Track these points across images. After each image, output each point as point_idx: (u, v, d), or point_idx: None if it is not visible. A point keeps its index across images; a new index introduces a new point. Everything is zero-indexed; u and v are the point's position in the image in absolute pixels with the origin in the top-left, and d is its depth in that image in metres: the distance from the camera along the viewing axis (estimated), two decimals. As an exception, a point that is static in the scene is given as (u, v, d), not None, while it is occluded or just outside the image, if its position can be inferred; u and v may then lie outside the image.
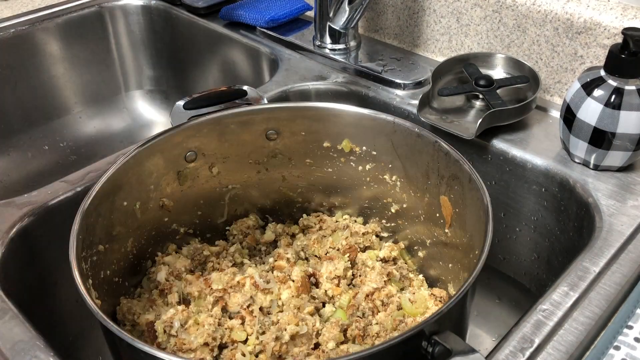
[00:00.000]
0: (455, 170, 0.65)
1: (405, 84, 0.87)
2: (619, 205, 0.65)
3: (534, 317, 0.53)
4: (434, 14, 0.91)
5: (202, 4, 1.11)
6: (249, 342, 0.64)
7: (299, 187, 0.81)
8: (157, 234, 0.74)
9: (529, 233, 0.77)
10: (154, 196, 0.72)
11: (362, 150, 0.75)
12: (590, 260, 0.59)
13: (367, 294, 0.69)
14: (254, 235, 0.80)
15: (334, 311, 0.68)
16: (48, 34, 1.11)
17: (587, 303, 0.55)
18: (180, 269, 0.72)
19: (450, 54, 0.92)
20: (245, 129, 0.74)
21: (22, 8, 1.11)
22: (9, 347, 0.53)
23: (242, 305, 0.66)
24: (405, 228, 0.78)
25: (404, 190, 0.75)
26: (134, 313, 0.66)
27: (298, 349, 0.62)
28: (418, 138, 0.69)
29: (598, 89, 0.66)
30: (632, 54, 0.64)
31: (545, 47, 0.81)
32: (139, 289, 0.72)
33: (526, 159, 0.74)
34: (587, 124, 0.67)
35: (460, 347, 0.47)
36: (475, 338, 0.85)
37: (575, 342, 0.51)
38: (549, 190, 0.73)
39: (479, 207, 0.59)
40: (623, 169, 0.70)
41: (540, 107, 0.81)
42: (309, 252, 0.76)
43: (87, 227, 0.59)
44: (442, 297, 0.69)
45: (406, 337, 0.47)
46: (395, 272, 0.74)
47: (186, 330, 0.63)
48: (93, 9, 1.15)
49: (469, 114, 0.79)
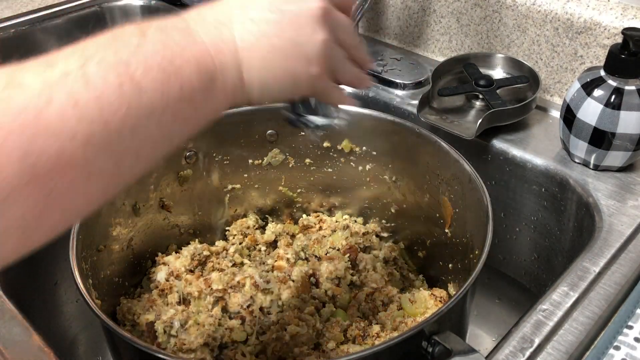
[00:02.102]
0: (455, 170, 0.65)
1: (405, 84, 0.86)
2: (619, 205, 0.65)
3: (534, 317, 0.53)
4: (434, 14, 0.91)
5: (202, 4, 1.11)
6: (249, 342, 0.64)
7: (299, 187, 0.81)
8: (157, 234, 0.74)
9: (529, 233, 0.77)
10: (154, 196, 0.72)
11: (362, 150, 0.75)
12: (590, 260, 0.59)
13: (367, 294, 0.69)
14: (254, 235, 0.80)
15: (334, 311, 0.68)
16: (48, 34, 1.11)
17: (587, 303, 0.54)
18: (180, 269, 0.72)
19: (450, 54, 0.92)
20: (245, 129, 0.74)
21: (22, 8, 1.11)
22: (9, 347, 0.53)
23: (242, 305, 0.66)
24: (405, 228, 0.78)
25: (404, 190, 0.75)
26: (134, 313, 0.66)
27: (298, 349, 0.62)
28: (418, 138, 0.69)
29: (598, 89, 0.66)
30: (632, 54, 0.64)
31: (545, 47, 0.81)
32: (139, 289, 0.72)
33: (526, 159, 0.74)
34: (587, 124, 0.67)
35: (460, 347, 0.47)
36: (475, 338, 0.85)
37: (575, 342, 0.51)
38: (549, 190, 0.73)
39: (479, 207, 0.59)
40: (623, 169, 0.70)
41: (540, 107, 0.81)
42: (309, 252, 0.76)
43: (87, 227, 0.59)
44: (442, 297, 0.69)
45: (406, 337, 0.47)
46: (396, 272, 0.74)
47: (186, 331, 0.63)
48: (93, 9, 1.15)
49: (469, 114, 0.79)
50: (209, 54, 0.38)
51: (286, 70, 0.41)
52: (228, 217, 0.81)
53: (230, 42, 0.39)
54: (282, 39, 0.40)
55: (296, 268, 0.71)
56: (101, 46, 0.34)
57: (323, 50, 0.41)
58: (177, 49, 0.36)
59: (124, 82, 0.33)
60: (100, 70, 0.32)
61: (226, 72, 0.39)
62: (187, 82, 0.36)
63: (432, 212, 0.72)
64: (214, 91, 0.38)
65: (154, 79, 0.34)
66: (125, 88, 0.33)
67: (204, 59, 0.37)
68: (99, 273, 0.62)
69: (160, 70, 0.35)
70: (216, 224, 0.81)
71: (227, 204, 0.80)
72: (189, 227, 0.78)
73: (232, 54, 0.39)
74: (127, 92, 0.33)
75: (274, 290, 0.68)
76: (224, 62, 0.38)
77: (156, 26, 0.37)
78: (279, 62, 0.41)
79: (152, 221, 0.73)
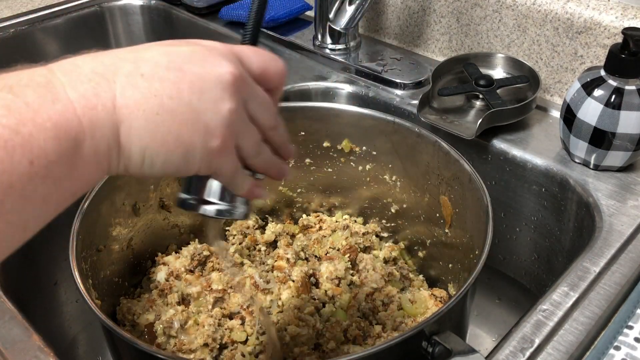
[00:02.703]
0: (455, 170, 0.65)
1: (405, 84, 0.86)
2: (619, 205, 0.65)
3: (534, 317, 0.53)
4: (434, 14, 0.91)
5: (202, 4, 1.11)
6: (249, 343, 0.64)
7: (299, 187, 0.81)
8: (157, 234, 0.74)
9: (529, 233, 0.77)
10: (154, 196, 0.72)
11: (362, 150, 0.75)
12: (590, 260, 0.59)
13: (367, 294, 0.69)
14: (254, 235, 0.80)
15: (334, 311, 0.68)
16: (48, 34, 1.11)
17: (587, 303, 0.54)
18: (180, 269, 0.72)
19: (450, 54, 0.92)
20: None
21: (22, 8, 1.11)
22: (9, 347, 0.53)
23: (242, 305, 0.66)
24: (405, 228, 0.78)
25: (404, 190, 0.75)
26: (134, 313, 0.66)
27: (298, 349, 0.62)
28: (418, 138, 0.69)
29: (598, 89, 0.66)
30: (632, 54, 0.63)
31: (546, 47, 0.81)
32: (139, 289, 0.72)
33: (526, 159, 0.74)
34: (587, 124, 0.67)
35: (460, 347, 0.47)
36: (475, 338, 0.85)
37: (576, 342, 0.51)
38: (549, 190, 0.72)
39: (479, 207, 0.59)
40: (623, 169, 0.70)
41: (540, 107, 0.81)
42: (309, 252, 0.76)
43: (87, 227, 0.59)
44: (442, 297, 0.69)
45: (406, 337, 0.47)
46: (396, 272, 0.74)
47: (186, 331, 0.63)
48: (93, 9, 1.15)
49: (469, 114, 0.79)
50: (73, 112, 0.30)
51: (177, 138, 0.34)
52: (228, 217, 0.81)
53: (107, 97, 0.32)
54: (177, 101, 0.33)
55: (296, 268, 0.71)
56: None
57: (228, 121, 0.35)
58: (28, 113, 0.29)
59: None
60: None
61: (97, 133, 0.31)
62: (40, 155, 0.29)
63: (432, 212, 0.72)
64: (79, 160, 0.31)
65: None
66: None
67: (65, 120, 0.30)
68: (98, 273, 0.62)
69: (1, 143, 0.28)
70: (216, 224, 0.81)
71: (227, 204, 0.80)
72: (189, 227, 0.78)
73: (108, 111, 0.32)
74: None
75: (274, 291, 0.68)
76: (95, 121, 0.31)
77: (5, 83, 0.30)
78: (169, 128, 0.33)
79: (152, 221, 0.73)
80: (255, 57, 0.39)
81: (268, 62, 0.39)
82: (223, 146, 0.35)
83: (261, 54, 0.39)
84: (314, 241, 0.76)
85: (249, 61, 0.38)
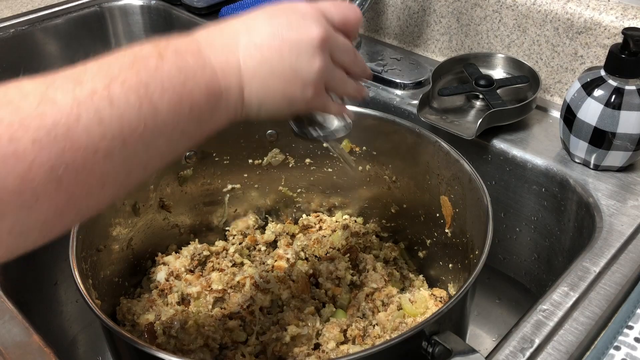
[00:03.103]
0: (455, 170, 0.65)
1: (405, 84, 0.86)
2: (619, 205, 0.65)
3: (534, 317, 0.53)
4: (434, 14, 0.91)
5: (202, 4, 1.11)
6: (249, 343, 0.64)
7: (299, 187, 0.81)
8: (157, 234, 0.74)
9: (529, 233, 0.77)
10: (153, 196, 0.72)
11: (362, 150, 0.75)
12: (590, 260, 0.59)
13: (367, 294, 0.69)
14: (254, 235, 0.80)
15: (334, 311, 0.68)
16: (48, 34, 1.11)
17: (587, 303, 0.54)
18: (180, 269, 0.72)
19: (450, 54, 0.92)
20: (245, 129, 0.74)
21: (22, 8, 1.11)
22: (9, 347, 0.52)
23: (242, 305, 0.66)
24: (405, 228, 0.78)
25: (404, 190, 0.75)
26: (134, 313, 0.66)
27: (298, 349, 0.62)
28: (418, 138, 0.69)
29: (598, 89, 0.66)
30: (632, 54, 0.63)
31: (546, 47, 0.81)
32: (139, 289, 0.72)
33: (526, 159, 0.74)
34: (587, 124, 0.67)
35: (460, 347, 0.47)
36: (475, 338, 0.85)
37: (576, 342, 0.51)
38: (549, 190, 0.72)
39: (479, 207, 0.59)
40: (623, 169, 0.70)
41: (540, 107, 0.81)
42: (309, 252, 0.76)
43: (87, 227, 0.59)
44: (442, 297, 0.69)
45: (406, 337, 0.47)
46: (396, 272, 0.74)
47: (186, 331, 0.63)
48: (93, 9, 1.15)
49: (469, 114, 0.79)
50: (217, 77, 0.42)
51: (283, 93, 0.45)
52: (228, 217, 0.81)
53: (235, 67, 0.43)
54: (281, 64, 0.44)
55: (296, 268, 0.71)
56: (124, 67, 0.37)
57: (319, 74, 0.46)
58: (190, 73, 0.40)
59: (143, 103, 0.37)
60: (123, 91, 0.36)
61: (230, 93, 0.43)
62: (196, 103, 0.40)
63: (432, 212, 0.72)
64: (218, 110, 0.42)
65: (168, 100, 0.38)
66: (143, 108, 0.37)
67: (212, 83, 0.41)
68: (98, 273, 0.62)
69: (175, 93, 0.38)
70: (216, 224, 0.81)
71: (227, 204, 0.80)
72: (189, 227, 0.78)
73: (236, 78, 0.43)
74: (145, 112, 0.37)
75: (274, 290, 0.68)
76: (229, 85, 0.42)
77: (172, 49, 0.40)
78: (277, 86, 0.45)
79: (152, 221, 0.73)
80: (335, 10, 0.48)
81: (346, 13, 0.48)
82: (316, 93, 0.46)
83: (340, 6, 0.48)
84: (314, 241, 0.76)
85: (331, 16, 0.47)
